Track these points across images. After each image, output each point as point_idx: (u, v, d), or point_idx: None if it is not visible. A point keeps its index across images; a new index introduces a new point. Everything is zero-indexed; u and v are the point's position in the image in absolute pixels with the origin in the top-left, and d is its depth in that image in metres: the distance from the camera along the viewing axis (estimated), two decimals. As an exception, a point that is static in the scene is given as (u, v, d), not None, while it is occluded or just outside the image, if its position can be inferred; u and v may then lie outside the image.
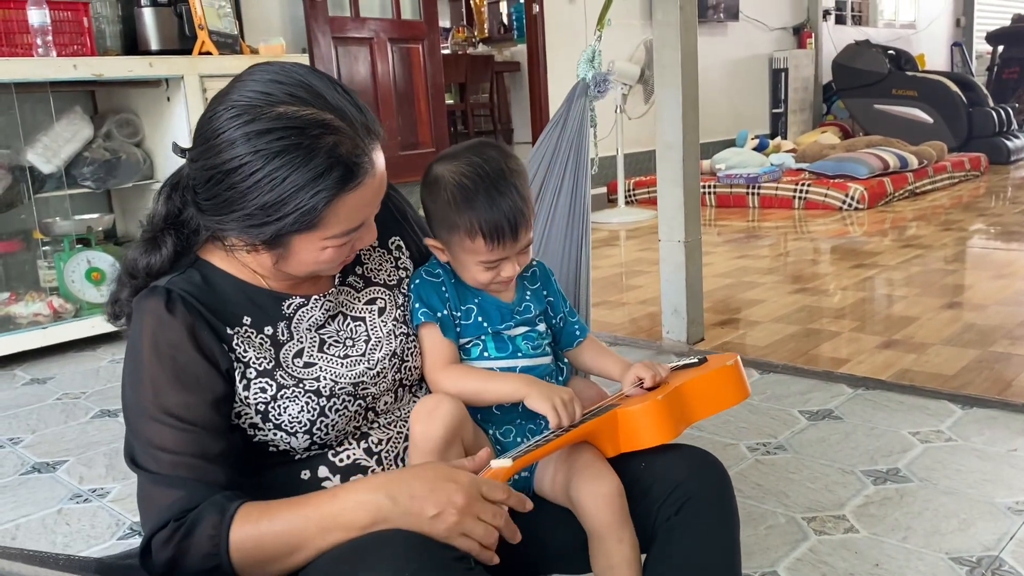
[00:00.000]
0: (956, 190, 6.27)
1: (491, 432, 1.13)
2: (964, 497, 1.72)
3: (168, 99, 3.18)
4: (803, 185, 5.62)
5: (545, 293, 1.22)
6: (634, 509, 1.05)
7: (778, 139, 7.45)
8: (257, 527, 0.90)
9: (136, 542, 1.00)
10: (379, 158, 0.98)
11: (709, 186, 5.84)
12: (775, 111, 8.19)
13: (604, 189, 6.07)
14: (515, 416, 1.14)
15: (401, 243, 1.19)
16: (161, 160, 3.32)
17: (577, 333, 1.24)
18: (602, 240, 4.97)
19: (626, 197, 5.75)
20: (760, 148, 6.76)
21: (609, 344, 2.87)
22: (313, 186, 0.92)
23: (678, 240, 2.73)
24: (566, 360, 1.26)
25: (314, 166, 0.91)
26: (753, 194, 5.75)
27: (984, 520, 1.63)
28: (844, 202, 5.45)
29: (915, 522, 1.64)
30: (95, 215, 3.29)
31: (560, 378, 1.21)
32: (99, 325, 3.06)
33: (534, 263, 1.24)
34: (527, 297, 1.19)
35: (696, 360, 1.20)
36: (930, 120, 7.53)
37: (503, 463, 0.97)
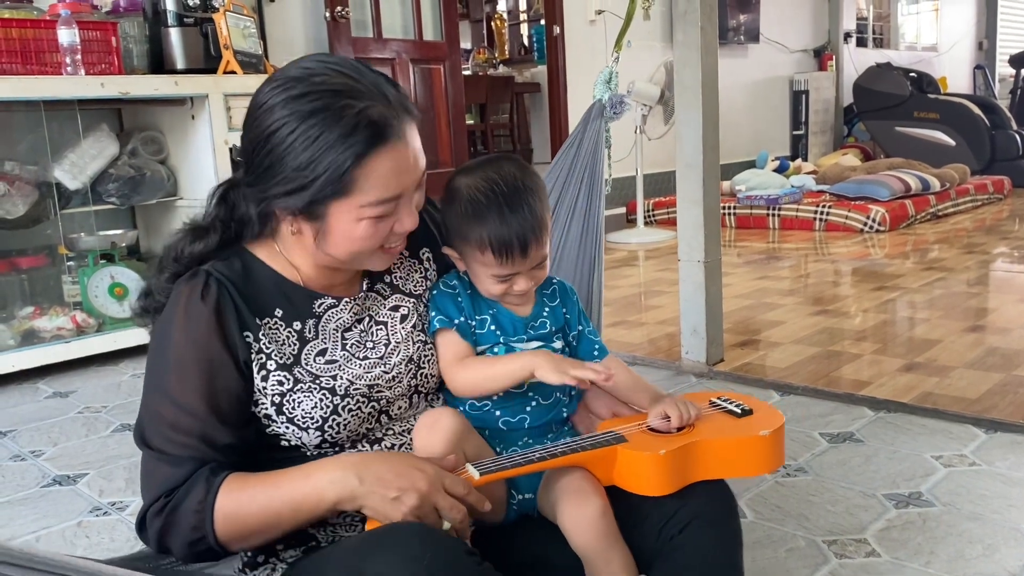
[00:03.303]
0: (979, 213, 6.22)
1: (498, 450, 1.12)
2: (988, 522, 1.69)
3: (193, 117, 3.22)
4: (824, 207, 5.60)
5: (564, 310, 1.21)
6: (637, 529, 1.05)
7: (799, 161, 7.42)
8: (238, 504, 0.96)
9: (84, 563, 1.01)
10: (413, 134, 1.01)
11: (729, 207, 5.83)
12: (796, 133, 8.17)
13: (623, 209, 6.07)
14: (522, 434, 1.14)
15: (431, 255, 1.21)
16: (185, 177, 3.36)
17: (595, 353, 1.22)
18: (621, 260, 4.97)
19: (645, 217, 5.75)
20: (780, 170, 6.75)
21: (628, 364, 2.86)
22: (342, 144, 0.96)
23: (698, 260, 2.72)
24: None
25: (344, 125, 0.96)
26: (773, 215, 5.73)
27: (1009, 546, 1.60)
28: (865, 224, 5.42)
29: (938, 547, 1.61)
30: (119, 231, 3.33)
31: (572, 393, 1.20)
32: (121, 340, 3.09)
33: (555, 280, 1.23)
34: (544, 313, 1.19)
35: (739, 411, 1.12)
36: (952, 143, 7.48)
37: (471, 473, 0.99)
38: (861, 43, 9.07)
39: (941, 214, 6.01)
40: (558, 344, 1.19)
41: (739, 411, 1.12)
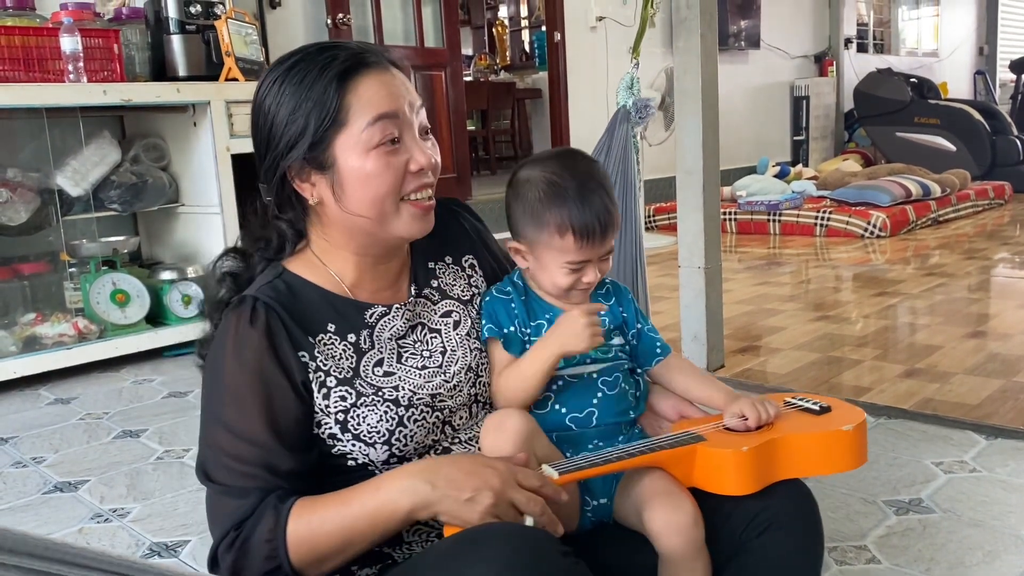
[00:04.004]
0: (980, 218, 6.22)
1: (568, 454, 1.09)
2: (989, 529, 1.69)
3: (195, 124, 3.23)
4: (824, 212, 5.60)
5: (620, 309, 1.19)
6: (716, 531, 1.01)
7: (799, 166, 7.43)
8: (309, 527, 0.93)
9: (155, 563, 1.02)
10: (400, 73, 1.05)
11: (730, 213, 5.84)
12: (796, 138, 8.18)
13: (625, 215, 6.08)
14: (592, 435, 1.11)
15: (475, 261, 1.20)
16: (187, 184, 3.37)
17: (658, 351, 1.19)
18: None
19: (646, 223, 5.76)
20: (781, 175, 6.76)
21: (628, 370, 2.86)
22: (323, 74, 0.99)
23: (698, 266, 2.72)
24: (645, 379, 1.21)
25: (323, 61, 1.00)
26: (774, 221, 5.73)
27: (1009, 552, 1.60)
28: (866, 230, 5.42)
29: (938, 554, 1.61)
30: (121, 238, 3.34)
31: (638, 390, 1.17)
32: (123, 346, 3.10)
33: (607, 281, 1.21)
34: (601, 313, 1.15)
35: (817, 408, 1.08)
36: (953, 148, 7.49)
37: (549, 474, 0.96)
38: (862, 49, 9.09)
39: (942, 220, 6.02)
40: (617, 340, 1.16)
41: (817, 408, 1.09)
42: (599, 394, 1.12)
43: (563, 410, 1.10)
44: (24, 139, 3.16)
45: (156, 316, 3.24)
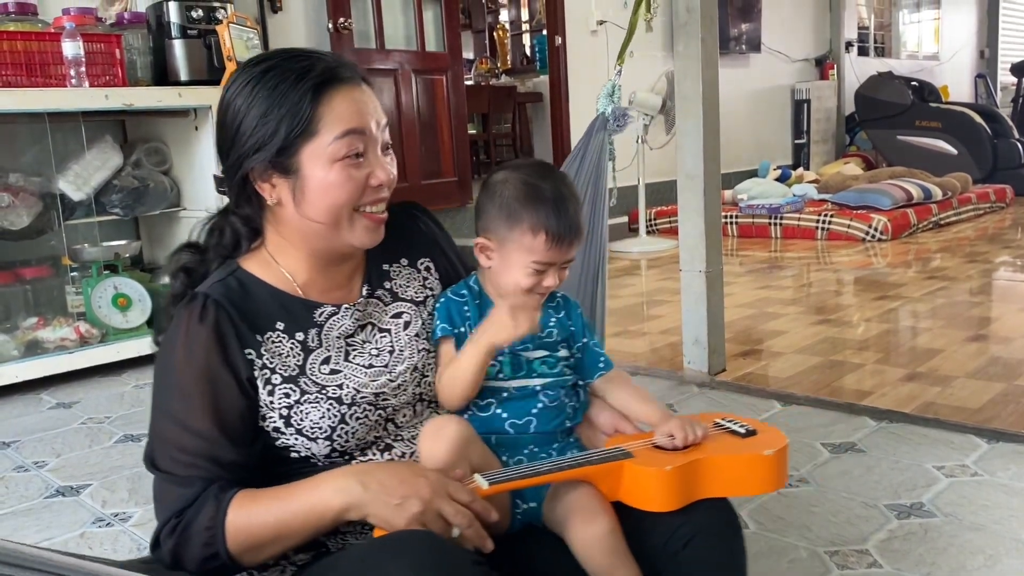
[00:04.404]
0: (981, 222, 6.22)
1: (504, 459, 1.13)
2: (990, 533, 1.69)
3: (196, 128, 3.24)
4: (826, 216, 5.60)
5: (569, 322, 1.23)
6: (640, 545, 1.05)
7: (800, 170, 7.43)
8: (248, 518, 0.97)
9: (156, 567, 1.04)
10: (369, 89, 1.08)
11: (731, 216, 5.84)
12: (797, 142, 8.18)
13: (625, 218, 6.08)
14: (528, 441, 1.15)
15: (431, 264, 1.23)
16: (188, 188, 3.38)
17: (600, 365, 1.23)
18: (623, 269, 4.97)
19: (647, 226, 5.76)
20: (782, 179, 6.76)
21: (629, 374, 2.85)
22: (298, 84, 1.02)
23: (699, 270, 2.72)
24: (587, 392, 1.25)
25: (298, 71, 1.03)
26: (775, 224, 5.73)
27: (1011, 556, 1.60)
28: (867, 233, 5.42)
29: (940, 558, 1.61)
30: (123, 242, 3.34)
31: (577, 402, 1.21)
32: (124, 351, 3.10)
33: (558, 294, 1.25)
34: (550, 323, 1.20)
35: (743, 431, 1.13)
36: (954, 151, 7.49)
37: (479, 483, 1.00)
38: (862, 52, 9.09)
39: (943, 223, 6.01)
40: (562, 352, 1.20)
41: (743, 431, 1.13)
42: (539, 404, 1.16)
43: (504, 415, 1.15)
44: (26, 143, 3.17)
45: (157, 321, 3.24)
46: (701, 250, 2.71)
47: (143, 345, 3.14)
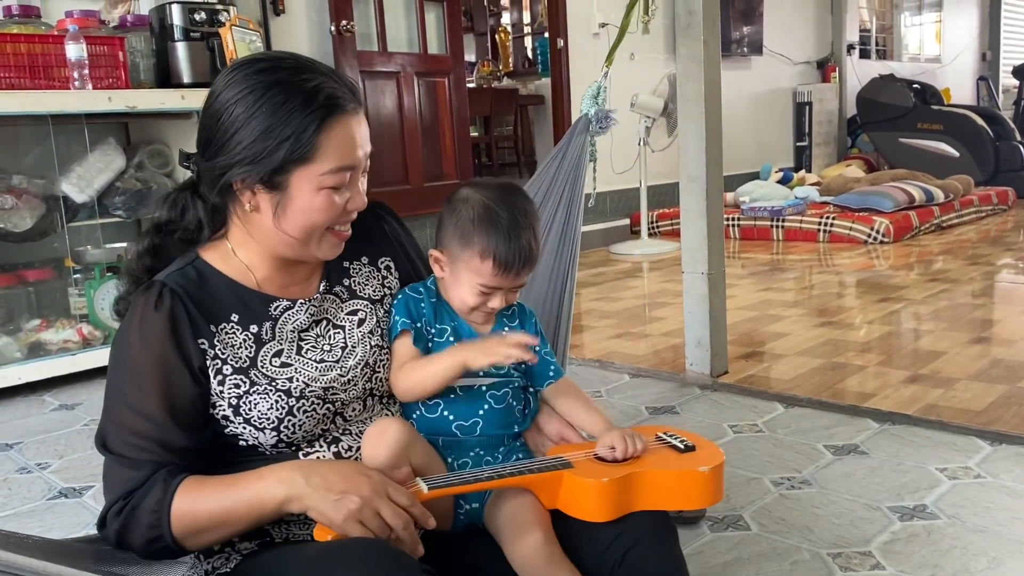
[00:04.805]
0: (983, 224, 6.21)
1: (450, 460, 1.15)
2: (993, 535, 1.69)
3: (199, 131, 3.24)
4: (828, 218, 5.60)
5: (522, 330, 1.25)
6: (578, 554, 1.07)
7: (802, 172, 7.43)
8: (193, 504, 1.00)
9: (157, 565, 1.05)
10: (362, 116, 1.08)
11: (733, 219, 5.83)
12: (799, 144, 8.18)
13: (627, 220, 6.09)
14: (474, 444, 1.17)
15: (391, 264, 1.25)
16: (191, 190, 3.37)
17: (551, 374, 1.25)
18: (625, 271, 4.98)
19: (649, 229, 5.76)
20: (784, 181, 6.76)
21: (632, 376, 2.86)
22: (306, 108, 1.02)
23: (701, 272, 2.72)
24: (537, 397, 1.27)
25: (306, 93, 1.03)
26: (777, 227, 5.73)
27: (1014, 559, 1.60)
28: (869, 235, 5.42)
29: (943, 560, 1.61)
30: (125, 244, 3.34)
31: (529, 409, 1.23)
32: (127, 352, 3.10)
33: (515, 303, 1.27)
34: (503, 333, 1.22)
35: (682, 446, 1.15)
36: (956, 154, 7.49)
37: (420, 487, 1.02)
38: (864, 54, 9.09)
39: (945, 225, 6.01)
40: None
41: (683, 446, 1.15)
42: (486, 406, 1.17)
43: (450, 416, 1.17)
44: (29, 146, 3.17)
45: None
46: (703, 252, 2.71)
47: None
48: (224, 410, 1.07)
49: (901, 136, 7.76)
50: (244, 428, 1.07)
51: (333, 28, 4.54)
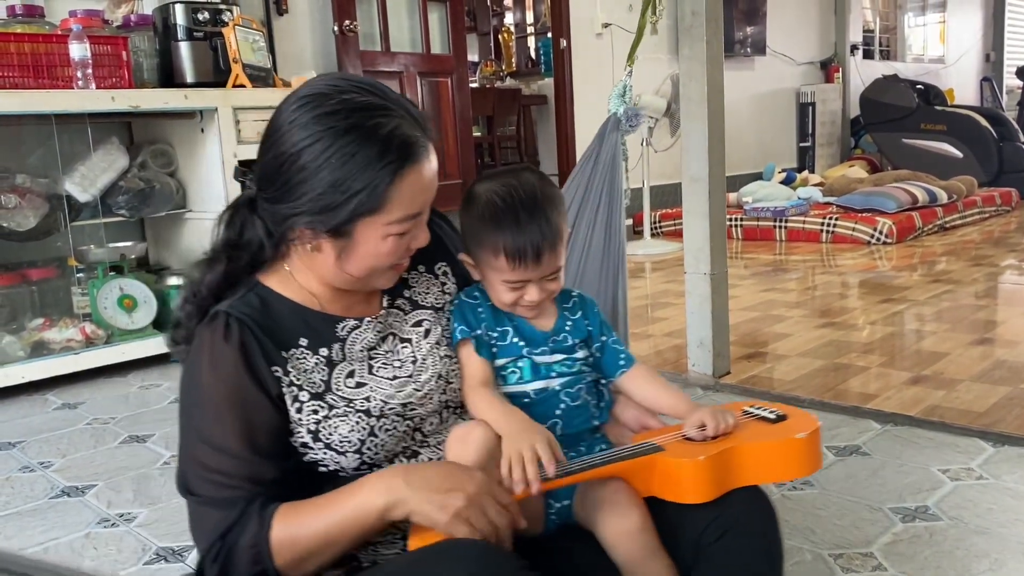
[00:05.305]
0: (986, 225, 6.20)
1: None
2: (995, 536, 1.69)
3: (202, 130, 3.25)
4: (831, 219, 5.60)
5: (586, 322, 1.21)
6: (674, 540, 1.04)
7: (805, 172, 7.43)
8: (292, 531, 0.95)
9: (161, 567, 1.04)
10: (433, 154, 1.03)
11: (736, 219, 5.83)
12: (802, 145, 8.18)
13: (630, 221, 6.08)
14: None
15: (448, 269, 1.22)
16: (194, 190, 3.39)
17: (621, 362, 1.21)
18: (628, 271, 4.97)
19: (652, 229, 5.76)
20: (787, 181, 6.75)
21: (634, 376, 2.86)
22: (379, 161, 0.97)
23: (704, 272, 2.72)
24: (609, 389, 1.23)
25: (379, 141, 0.97)
26: (780, 227, 5.73)
27: (1016, 560, 1.60)
28: (872, 236, 5.41)
29: (945, 561, 1.61)
30: (128, 243, 3.35)
31: (604, 402, 1.20)
32: (130, 351, 3.11)
33: (574, 293, 1.24)
34: (566, 327, 1.19)
35: (773, 416, 1.11)
36: (960, 155, 7.47)
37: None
38: (868, 55, 9.08)
39: (948, 226, 6.00)
40: (581, 354, 1.19)
41: (773, 417, 1.11)
42: (562, 405, 1.15)
43: None
44: (33, 145, 3.18)
45: (163, 321, 3.25)
46: (706, 253, 2.71)
47: (148, 346, 3.15)
48: (303, 437, 1.03)
49: (904, 137, 7.75)
50: (325, 453, 1.03)
51: (336, 28, 4.55)
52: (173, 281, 3.28)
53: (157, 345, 3.16)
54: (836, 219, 5.58)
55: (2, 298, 3.09)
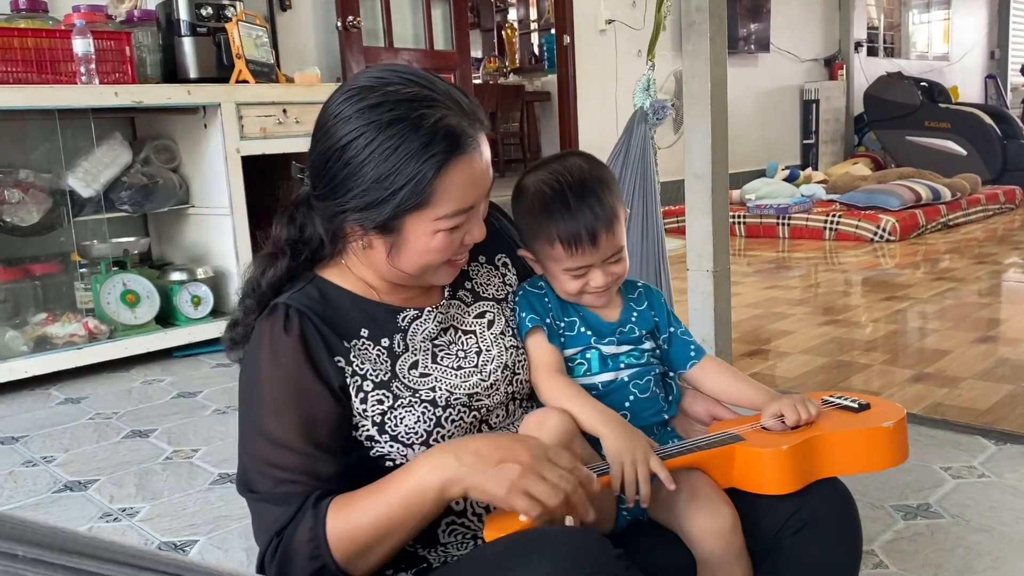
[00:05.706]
0: (990, 223, 6.19)
1: (603, 455, 1.07)
2: (997, 534, 1.69)
3: (205, 126, 3.25)
4: (834, 216, 5.59)
5: (652, 313, 1.19)
6: (750, 530, 1.01)
7: (809, 170, 7.42)
8: (347, 522, 0.93)
9: (201, 562, 1.02)
10: (485, 143, 1.00)
11: (739, 216, 5.83)
12: (806, 142, 8.17)
13: (633, 218, 6.07)
14: None
15: (508, 260, 1.20)
16: (197, 185, 3.39)
17: (691, 354, 1.18)
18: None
19: (655, 226, 5.75)
20: (791, 179, 6.74)
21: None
22: (423, 154, 0.94)
23: (707, 270, 2.72)
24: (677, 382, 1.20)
25: (423, 134, 0.94)
26: (783, 225, 5.72)
27: (1018, 558, 1.60)
28: (875, 234, 5.41)
29: (946, 559, 1.61)
30: (131, 238, 3.36)
31: (672, 395, 1.17)
32: (132, 346, 3.11)
33: (639, 284, 1.22)
34: (632, 318, 1.17)
35: (856, 405, 1.07)
36: (963, 152, 7.46)
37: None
38: (872, 52, 9.07)
39: (952, 224, 5.99)
40: (648, 345, 1.17)
41: (856, 406, 1.07)
42: (631, 397, 1.13)
43: None
44: (36, 140, 3.18)
45: (166, 317, 3.26)
46: (708, 250, 2.71)
47: (151, 341, 3.15)
48: (368, 430, 1.00)
49: (908, 134, 7.73)
50: (391, 447, 1.00)
51: (339, 24, 4.54)
52: (176, 277, 3.29)
53: (160, 340, 3.17)
54: (839, 216, 5.57)
55: (5, 293, 3.09)
